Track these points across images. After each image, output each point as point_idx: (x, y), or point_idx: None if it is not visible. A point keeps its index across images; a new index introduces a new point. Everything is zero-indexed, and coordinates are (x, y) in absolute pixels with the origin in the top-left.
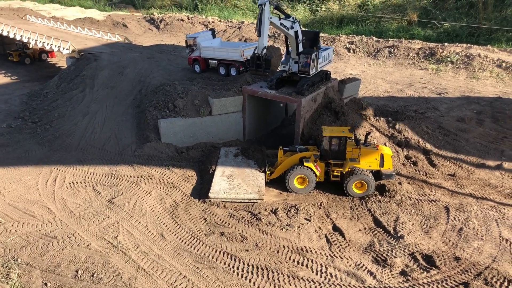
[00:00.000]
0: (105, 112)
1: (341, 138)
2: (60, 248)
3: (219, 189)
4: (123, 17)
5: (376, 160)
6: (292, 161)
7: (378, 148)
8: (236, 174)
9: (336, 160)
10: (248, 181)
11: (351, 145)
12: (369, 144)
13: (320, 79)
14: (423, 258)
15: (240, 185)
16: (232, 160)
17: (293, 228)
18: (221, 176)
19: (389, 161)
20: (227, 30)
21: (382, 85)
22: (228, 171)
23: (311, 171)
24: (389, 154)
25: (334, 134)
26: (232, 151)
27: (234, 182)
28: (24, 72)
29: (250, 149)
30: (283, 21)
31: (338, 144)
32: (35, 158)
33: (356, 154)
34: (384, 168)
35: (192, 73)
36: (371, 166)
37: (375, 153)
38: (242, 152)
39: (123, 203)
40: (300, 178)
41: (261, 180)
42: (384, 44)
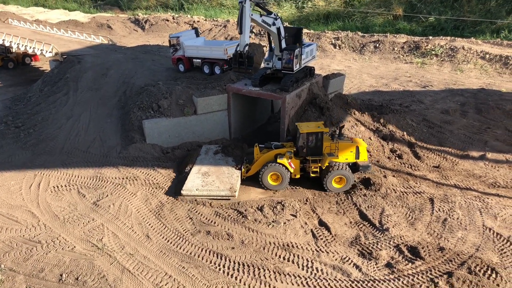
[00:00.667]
0: (89, 115)
1: (317, 134)
2: (44, 253)
3: (192, 186)
4: (108, 19)
5: (352, 153)
6: (267, 158)
7: (353, 141)
8: (212, 172)
9: (314, 156)
10: (222, 178)
11: (327, 140)
12: (344, 137)
13: (304, 75)
14: (408, 249)
15: (214, 182)
16: (211, 158)
17: (279, 224)
18: (196, 173)
19: (364, 153)
20: (213, 29)
21: (368, 80)
22: (205, 168)
23: (284, 168)
24: (364, 146)
25: (311, 130)
26: (213, 148)
27: (209, 179)
28: (7, 76)
29: (230, 146)
30: (264, 18)
31: (315, 140)
32: (19, 162)
33: (333, 149)
34: (360, 160)
35: (176, 72)
36: (348, 159)
37: (351, 146)
38: (222, 150)
39: (108, 205)
40: (274, 175)
41: (235, 177)
42: (369, 39)
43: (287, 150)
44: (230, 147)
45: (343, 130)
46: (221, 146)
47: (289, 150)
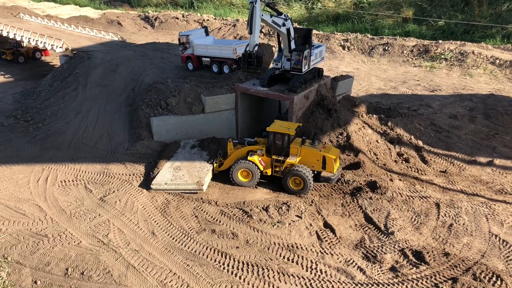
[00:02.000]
0: (97, 111)
1: (284, 135)
2: (51, 246)
3: (162, 180)
4: (118, 15)
5: (318, 162)
6: (240, 154)
7: (322, 150)
8: (184, 166)
9: (279, 156)
10: (192, 172)
11: (296, 144)
12: (316, 145)
13: (312, 76)
14: (413, 254)
15: (183, 176)
16: (187, 152)
17: (284, 225)
18: (169, 167)
19: (331, 165)
20: (222, 28)
21: (376, 83)
22: (178, 163)
23: (254, 165)
24: (331, 157)
25: (277, 130)
26: (191, 143)
27: (179, 173)
28: (18, 70)
29: (206, 141)
30: (274, 18)
31: (281, 140)
32: (27, 156)
33: (295, 153)
34: (326, 170)
35: (185, 71)
36: (314, 167)
37: (317, 154)
38: (200, 144)
39: (115, 201)
40: (244, 172)
41: (205, 171)
42: (378, 41)
43: (259, 148)
44: (207, 142)
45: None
46: (199, 140)
47: (261, 148)
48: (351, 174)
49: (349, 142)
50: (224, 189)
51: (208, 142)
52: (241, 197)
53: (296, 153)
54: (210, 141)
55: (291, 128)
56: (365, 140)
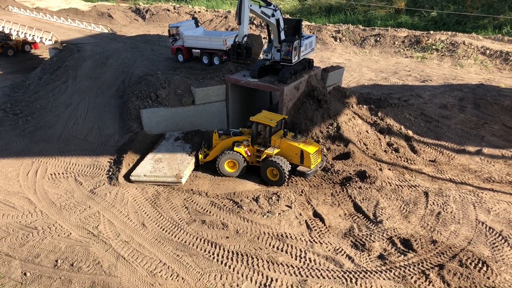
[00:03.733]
0: (88, 103)
1: (265, 126)
2: (40, 239)
3: (141, 172)
4: (109, 8)
5: (297, 156)
6: (225, 145)
7: (300, 144)
8: (165, 158)
9: (260, 147)
10: (172, 165)
11: (277, 136)
12: (298, 138)
13: (302, 67)
14: (401, 242)
15: (162, 169)
16: (170, 144)
17: (274, 215)
18: (150, 159)
19: (308, 159)
20: (214, 20)
21: (367, 74)
22: (160, 154)
23: (241, 156)
24: (309, 152)
25: (259, 120)
26: (175, 135)
27: (159, 165)
28: (7, 64)
29: (191, 133)
30: (263, 9)
31: (263, 131)
32: (16, 149)
33: (275, 145)
34: (303, 165)
35: (175, 62)
36: (292, 160)
37: (295, 148)
38: (184, 137)
39: (105, 193)
40: (230, 162)
41: (185, 164)
42: (370, 32)
43: (245, 138)
44: (191, 134)
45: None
46: (183, 133)
47: (246, 138)
48: (341, 164)
49: (339, 133)
50: (214, 180)
51: (192, 135)
52: (231, 188)
53: (276, 145)
54: (194, 134)
55: (273, 119)
56: (355, 131)
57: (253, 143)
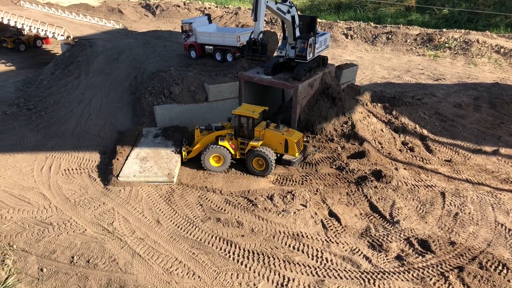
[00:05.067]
0: (100, 99)
1: (248, 118)
2: (56, 234)
3: (129, 172)
4: (119, 3)
5: (281, 145)
6: (208, 140)
7: (285, 133)
8: (150, 156)
9: (244, 139)
10: (161, 164)
11: (260, 127)
12: (280, 128)
13: (317, 64)
14: (418, 242)
15: (152, 168)
16: (150, 142)
17: (289, 213)
18: (135, 158)
19: (293, 148)
20: (224, 16)
21: (380, 71)
22: (144, 153)
23: (226, 150)
24: (293, 141)
25: (241, 113)
26: (153, 131)
27: (146, 164)
28: (19, 59)
29: (170, 129)
30: (279, 5)
31: (246, 123)
32: (30, 145)
33: (259, 136)
34: (288, 154)
35: (188, 59)
36: (277, 150)
37: (280, 137)
38: (163, 133)
39: (119, 189)
40: (216, 157)
41: (174, 162)
42: (382, 30)
43: (228, 132)
44: (170, 130)
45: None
46: (161, 129)
47: (230, 132)
48: (356, 163)
49: (353, 131)
50: (228, 178)
51: (172, 131)
52: (245, 186)
53: (259, 136)
54: (174, 130)
55: (255, 111)
56: (369, 129)
57: (237, 136)
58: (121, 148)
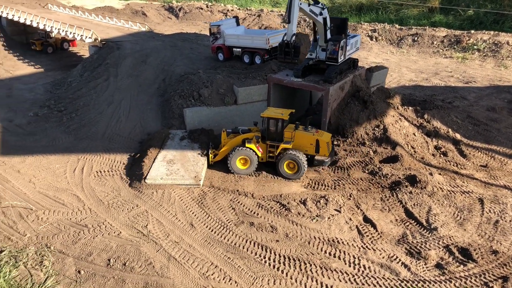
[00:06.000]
0: (129, 101)
1: (277, 120)
2: (91, 237)
3: (156, 175)
4: (142, 6)
5: (312, 146)
6: (235, 143)
7: (316, 134)
8: (177, 159)
9: (273, 142)
10: (187, 167)
11: (290, 129)
12: (309, 129)
13: (347, 67)
14: (458, 251)
15: (178, 171)
16: (177, 144)
17: (323, 219)
18: (161, 161)
19: (324, 148)
20: (247, 18)
21: (407, 74)
22: (170, 155)
23: (252, 152)
24: (325, 141)
25: (271, 115)
26: (179, 134)
27: (173, 167)
28: (47, 61)
29: (196, 132)
30: (312, 7)
31: (276, 126)
32: (62, 146)
33: (289, 137)
34: (319, 154)
35: (215, 61)
36: (307, 151)
37: (311, 138)
38: (189, 136)
39: (151, 192)
40: (242, 159)
41: (200, 165)
42: (407, 32)
43: (254, 135)
44: (197, 133)
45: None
46: (187, 131)
47: (257, 135)
48: (389, 168)
49: (386, 135)
50: (259, 181)
51: (198, 134)
52: (277, 189)
53: (290, 138)
54: (200, 133)
55: (284, 113)
56: (402, 133)
57: (266, 139)
58: (148, 151)
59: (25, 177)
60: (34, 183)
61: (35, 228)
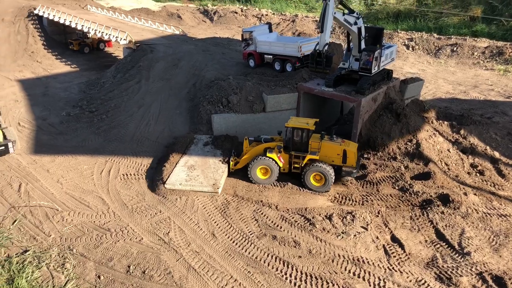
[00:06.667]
0: (159, 105)
1: (303, 130)
2: (113, 241)
3: (176, 180)
4: (178, 8)
5: (339, 156)
6: (257, 152)
7: (342, 144)
8: (198, 165)
9: (298, 152)
10: (207, 173)
11: (315, 139)
12: (334, 139)
13: (381, 78)
14: (492, 279)
15: (198, 177)
16: (200, 150)
17: (349, 236)
18: (183, 166)
19: (352, 158)
20: (281, 24)
21: (444, 86)
22: (192, 161)
23: (273, 162)
24: (352, 151)
25: (296, 125)
26: (204, 139)
27: (193, 173)
28: (83, 61)
29: (220, 138)
30: (346, 16)
31: (301, 136)
32: (91, 147)
33: (316, 148)
34: (346, 164)
35: (246, 67)
36: (334, 162)
37: (338, 148)
38: (213, 141)
39: (175, 198)
40: (263, 169)
41: (220, 172)
42: (446, 41)
43: (277, 144)
44: (220, 139)
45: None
46: (212, 137)
47: (279, 144)
48: (420, 184)
49: (418, 150)
50: (284, 192)
51: (222, 140)
52: (302, 202)
53: (317, 148)
54: (224, 139)
55: (309, 123)
56: (435, 149)
57: (291, 149)
58: (171, 155)
59: (54, 177)
60: (62, 183)
61: (60, 229)
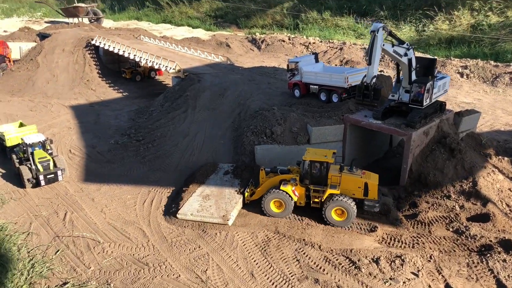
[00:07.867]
0: (204, 134)
1: (322, 163)
2: (151, 277)
3: (188, 210)
4: (227, 37)
5: (360, 189)
6: (272, 183)
7: (363, 176)
8: (214, 194)
9: (317, 186)
10: (220, 204)
11: (334, 171)
12: (354, 171)
13: (433, 110)
14: None
15: (210, 208)
16: (219, 179)
17: (398, 283)
18: (198, 195)
19: (374, 191)
20: (328, 51)
21: (503, 117)
22: (208, 190)
23: (287, 195)
24: (374, 184)
25: (315, 158)
26: (225, 168)
27: (207, 203)
28: (134, 88)
29: (240, 167)
30: (396, 48)
31: (319, 169)
32: (136, 176)
33: (336, 181)
34: (368, 197)
35: (291, 97)
36: (355, 195)
37: (358, 181)
38: (233, 171)
39: (215, 232)
40: (277, 202)
41: (233, 203)
42: (504, 69)
43: (292, 177)
44: (240, 169)
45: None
46: (233, 166)
47: (294, 177)
48: (478, 227)
49: (475, 189)
50: (328, 231)
51: (242, 170)
52: (347, 242)
53: (337, 182)
54: (244, 169)
55: (328, 155)
56: (495, 188)
57: (309, 183)
58: (190, 185)
59: (98, 206)
60: (105, 213)
61: (100, 261)
